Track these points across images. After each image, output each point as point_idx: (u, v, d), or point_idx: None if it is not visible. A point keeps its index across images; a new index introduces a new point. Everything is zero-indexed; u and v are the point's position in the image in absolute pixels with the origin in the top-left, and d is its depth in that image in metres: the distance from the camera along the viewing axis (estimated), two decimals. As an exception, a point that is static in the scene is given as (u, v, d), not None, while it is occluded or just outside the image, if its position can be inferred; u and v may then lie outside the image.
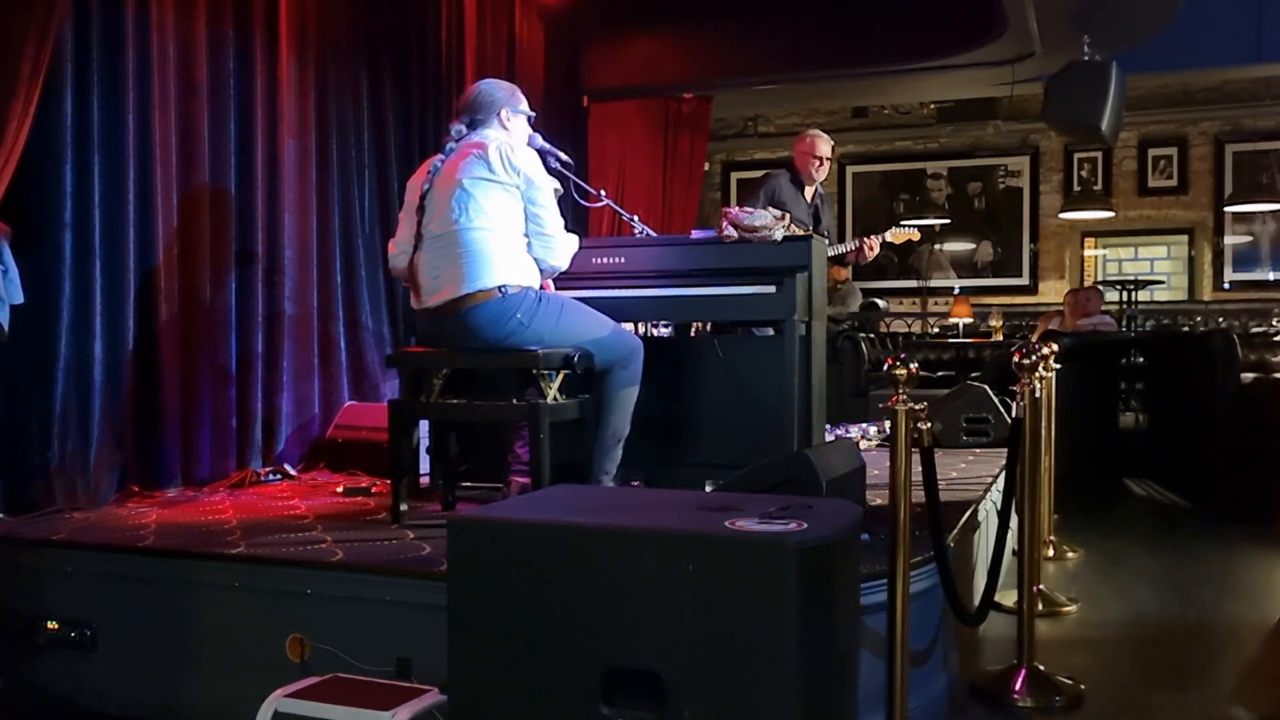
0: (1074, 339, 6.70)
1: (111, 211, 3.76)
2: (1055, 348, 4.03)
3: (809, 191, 5.74)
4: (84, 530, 3.17)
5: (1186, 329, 9.75)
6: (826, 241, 3.81)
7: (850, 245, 6.05)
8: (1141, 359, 7.66)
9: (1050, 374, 4.12)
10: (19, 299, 3.32)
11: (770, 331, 4.62)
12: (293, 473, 4.45)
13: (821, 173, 5.74)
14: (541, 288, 3.42)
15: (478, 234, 3.27)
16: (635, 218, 4.22)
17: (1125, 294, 9.29)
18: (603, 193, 4.13)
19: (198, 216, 4.15)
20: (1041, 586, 3.70)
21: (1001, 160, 10.98)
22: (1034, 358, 3.11)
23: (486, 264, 3.26)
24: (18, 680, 2.93)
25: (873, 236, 6.05)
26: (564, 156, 3.72)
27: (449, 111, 5.32)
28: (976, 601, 3.09)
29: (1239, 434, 5.75)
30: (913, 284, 11.22)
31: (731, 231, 3.66)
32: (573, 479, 3.24)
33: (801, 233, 3.93)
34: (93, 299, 3.68)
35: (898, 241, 6.32)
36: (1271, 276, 10.10)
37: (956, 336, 9.47)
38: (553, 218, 3.39)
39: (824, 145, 5.73)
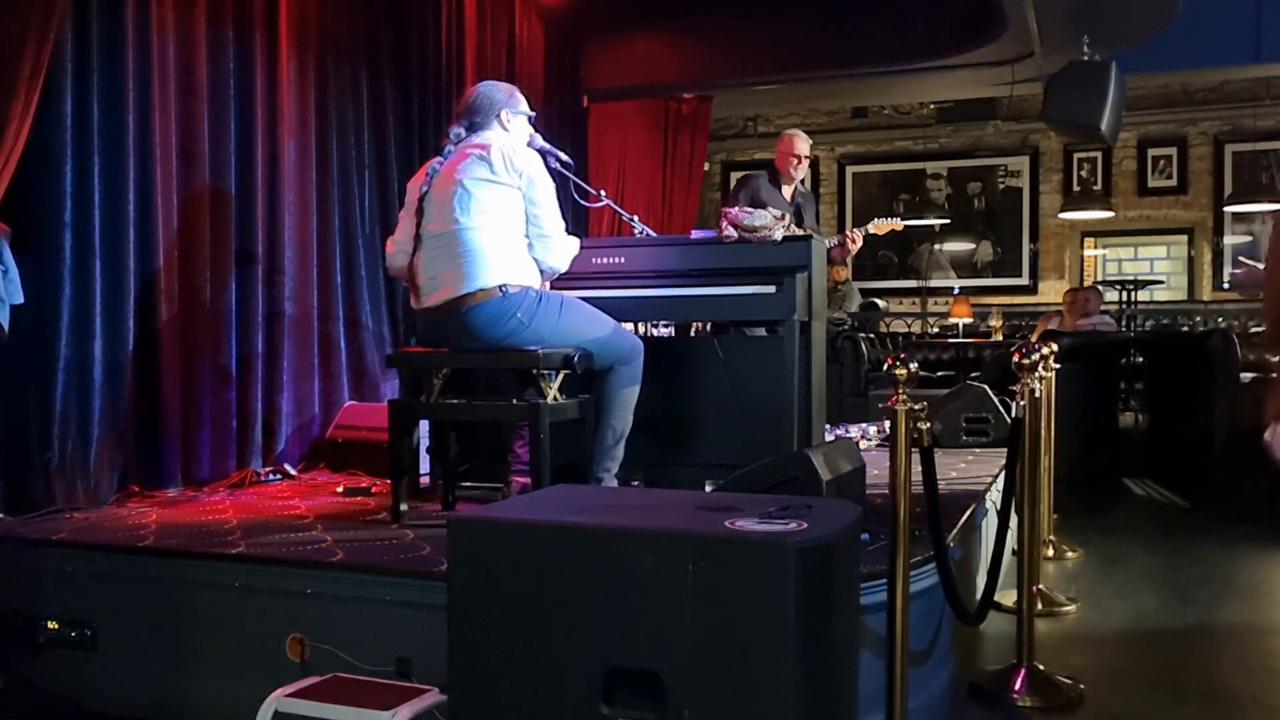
0: (1074, 339, 6.70)
1: (111, 211, 3.76)
2: (1055, 348, 4.03)
3: (788, 190, 5.76)
4: (84, 530, 3.17)
5: (1186, 329, 9.75)
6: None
7: (833, 240, 6.04)
8: (1141, 359, 7.66)
9: (1050, 374, 4.12)
10: (19, 299, 3.33)
11: (763, 331, 4.64)
12: (293, 473, 4.45)
13: (800, 171, 5.75)
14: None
15: (477, 233, 3.27)
16: (635, 218, 4.22)
17: (1125, 294, 9.31)
18: (603, 193, 4.13)
19: (198, 216, 4.15)
20: (1041, 586, 3.70)
21: (1001, 160, 10.98)
22: (1034, 358, 3.11)
23: (486, 263, 3.26)
24: (18, 680, 2.93)
25: (855, 230, 6.04)
26: (564, 156, 3.73)
27: (449, 111, 5.32)
28: (976, 601, 3.09)
29: (1239, 434, 5.75)
30: (913, 284, 11.22)
31: (731, 231, 3.66)
32: (573, 479, 3.24)
33: (801, 232, 3.93)
34: (93, 299, 3.68)
35: (880, 233, 6.22)
36: (1271, 276, 10.09)
37: (956, 336, 9.47)
38: (552, 219, 3.39)
39: (801, 144, 5.74)
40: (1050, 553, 4.47)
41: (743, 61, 7.45)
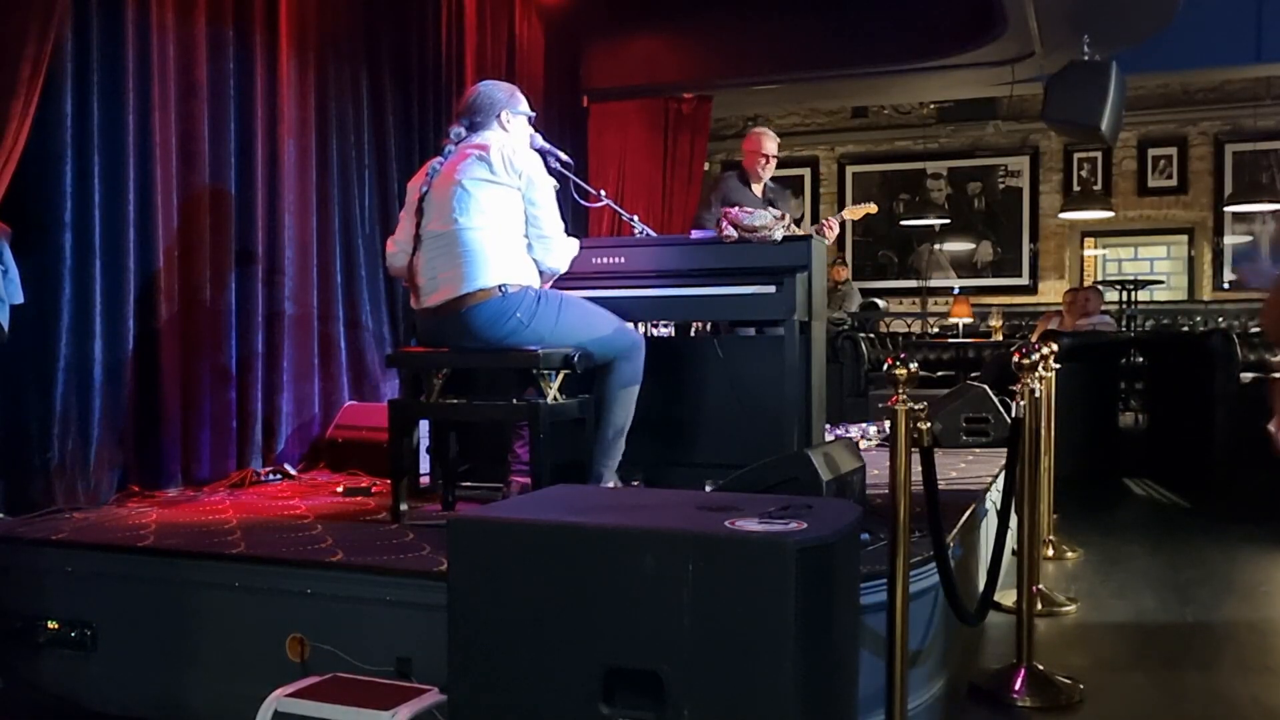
0: (1074, 339, 6.70)
1: (111, 211, 3.76)
2: (1055, 348, 4.03)
3: (758, 188, 5.77)
4: (84, 530, 3.17)
5: (1186, 329, 9.75)
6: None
7: (809, 230, 6.07)
8: (1141, 359, 7.67)
9: (1050, 374, 4.13)
10: (19, 299, 3.32)
11: (753, 331, 4.64)
12: (293, 473, 4.44)
13: (768, 169, 5.75)
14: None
15: (477, 233, 3.27)
16: (635, 218, 4.22)
17: (1125, 294, 9.31)
18: (603, 193, 4.13)
19: (198, 216, 4.15)
20: (1041, 586, 3.70)
21: (1001, 160, 10.99)
22: (1034, 358, 3.11)
23: (486, 263, 3.26)
24: (18, 680, 2.93)
25: (830, 218, 6.06)
26: (564, 156, 3.73)
27: (449, 111, 5.33)
28: (976, 601, 3.09)
29: (1239, 434, 5.75)
30: (913, 284, 11.23)
31: (731, 231, 3.66)
32: (573, 479, 3.24)
33: (801, 232, 3.93)
34: (93, 299, 3.68)
35: (856, 217, 6.32)
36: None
37: (956, 336, 9.48)
38: (552, 219, 3.39)
39: (769, 142, 5.76)
40: (1050, 553, 4.47)
41: (743, 61, 7.46)
